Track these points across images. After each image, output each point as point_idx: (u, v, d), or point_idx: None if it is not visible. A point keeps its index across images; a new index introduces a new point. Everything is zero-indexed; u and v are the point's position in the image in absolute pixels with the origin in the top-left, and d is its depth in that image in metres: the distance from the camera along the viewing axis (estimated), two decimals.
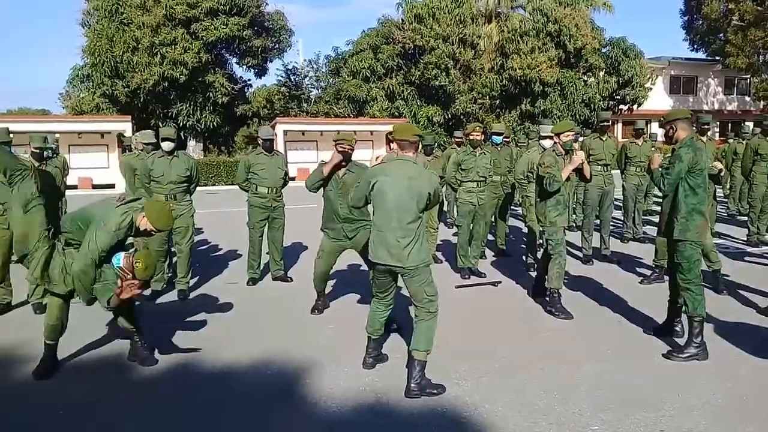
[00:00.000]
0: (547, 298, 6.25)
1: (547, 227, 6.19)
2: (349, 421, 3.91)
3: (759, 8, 33.52)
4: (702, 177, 4.94)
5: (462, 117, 29.29)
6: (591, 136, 9.01)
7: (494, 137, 8.86)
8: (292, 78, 33.81)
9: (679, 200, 4.93)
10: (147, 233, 4.63)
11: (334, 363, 4.82)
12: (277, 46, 30.93)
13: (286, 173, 7.56)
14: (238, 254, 9.32)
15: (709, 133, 9.36)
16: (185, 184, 6.87)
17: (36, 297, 6.12)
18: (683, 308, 5.09)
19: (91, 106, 27.93)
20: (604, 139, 8.63)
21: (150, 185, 6.73)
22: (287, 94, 32.32)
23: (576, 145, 6.68)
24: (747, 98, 42.60)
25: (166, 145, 6.74)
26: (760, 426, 3.76)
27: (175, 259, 7.17)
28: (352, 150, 5.87)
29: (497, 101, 30.36)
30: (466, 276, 7.73)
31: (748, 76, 39.24)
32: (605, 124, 8.70)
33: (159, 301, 6.77)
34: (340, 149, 5.74)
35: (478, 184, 7.71)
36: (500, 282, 7.43)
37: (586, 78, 31.36)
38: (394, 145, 4.51)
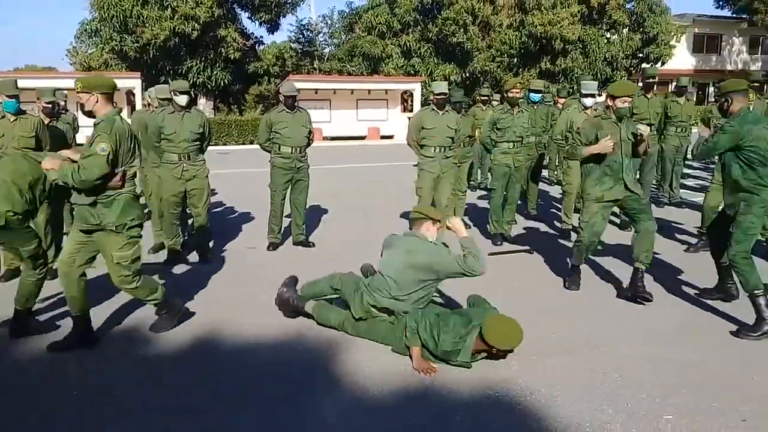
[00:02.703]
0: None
1: (584, 196, 5.60)
2: (390, 406, 3.54)
3: None
4: (756, 152, 4.51)
5: (479, 75, 28.51)
6: (635, 94, 8.44)
7: (532, 95, 8.34)
8: (304, 34, 32.99)
9: (737, 179, 4.60)
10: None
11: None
12: (290, 0, 30.02)
13: (311, 132, 7.11)
14: (252, 217, 8.92)
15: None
16: (198, 143, 6.42)
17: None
18: (741, 287, 4.75)
19: (99, 63, 27.31)
20: (649, 96, 8.08)
21: (161, 144, 6.29)
22: (299, 51, 31.55)
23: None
24: None
25: (182, 99, 6.27)
26: None
27: (191, 220, 6.79)
28: None
29: (516, 59, 29.47)
30: (499, 242, 7.31)
31: None
32: (651, 80, 8.13)
33: (177, 266, 6.40)
34: None
35: (514, 145, 7.22)
36: (533, 250, 7.00)
37: (609, 35, 30.31)
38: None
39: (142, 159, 5.45)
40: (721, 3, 38.79)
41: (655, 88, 8.06)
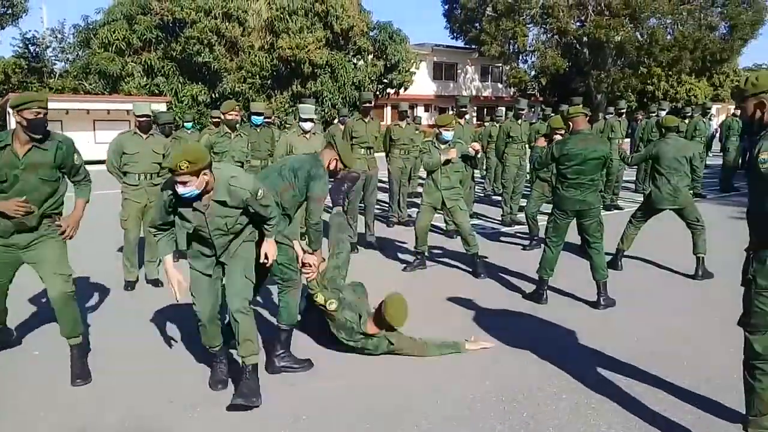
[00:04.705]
0: None
1: None
2: None
3: (509, 0, 36.45)
4: None
5: (231, 96, 27.83)
6: (354, 118, 8.62)
7: (254, 117, 8.07)
8: (31, 48, 29.46)
9: None
10: None
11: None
12: (10, 11, 26.71)
13: None
14: None
15: (467, 116, 9.49)
16: None
17: None
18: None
19: None
20: (366, 121, 8.26)
21: None
22: (26, 66, 28.16)
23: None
24: (500, 85, 46.54)
25: None
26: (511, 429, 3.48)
27: None
28: None
29: (268, 81, 29.39)
30: None
31: (501, 64, 42.83)
32: (368, 105, 8.33)
33: None
34: None
35: None
36: None
37: (355, 61, 31.62)
38: None
39: None
40: (455, 34, 42.89)
41: (371, 112, 8.28)
